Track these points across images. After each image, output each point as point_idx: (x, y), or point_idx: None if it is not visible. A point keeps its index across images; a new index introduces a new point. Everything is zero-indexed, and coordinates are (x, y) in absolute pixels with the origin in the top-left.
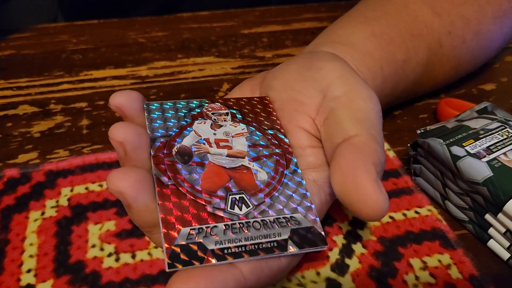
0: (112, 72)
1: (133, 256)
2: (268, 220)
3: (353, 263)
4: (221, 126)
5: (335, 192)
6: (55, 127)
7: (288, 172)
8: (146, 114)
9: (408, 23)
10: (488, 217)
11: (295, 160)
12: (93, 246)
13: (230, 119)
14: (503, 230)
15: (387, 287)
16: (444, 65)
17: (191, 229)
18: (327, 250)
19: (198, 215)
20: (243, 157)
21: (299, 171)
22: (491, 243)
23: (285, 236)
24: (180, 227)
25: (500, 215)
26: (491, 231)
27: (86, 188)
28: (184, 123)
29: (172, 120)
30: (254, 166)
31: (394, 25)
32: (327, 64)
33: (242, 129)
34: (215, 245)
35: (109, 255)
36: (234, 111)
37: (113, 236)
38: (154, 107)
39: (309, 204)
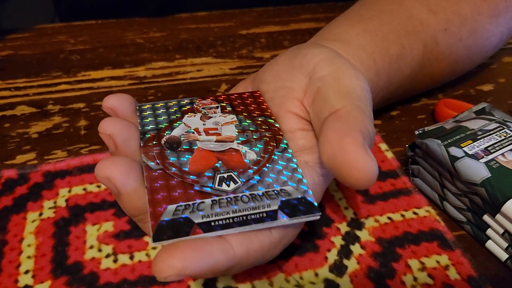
0: (110, 72)
1: (131, 257)
2: (256, 194)
3: (351, 264)
4: (211, 117)
5: (324, 163)
6: (53, 128)
7: (278, 152)
8: (138, 114)
9: (403, 20)
10: (486, 218)
11: (286, 141)
12: (91, 247)
13: (220, 111)
14: (501, 231)
15: None
16: (440, 62)
17: (177, 206)
18: (325, 251)
19: (185, 193)
20: (232, 141)
21: (290, 150)
22: (489, 244)
23: (274, 206)
24: (167, 205)
25: (498, 216)
26: (489, 232)
27: (84, 189)
28: (174, 117)
29: (162, 116)
30: (243, 148)
31: (388, 22)
32: (313, 50)
33: (232, 118)
34: (202, 219)
35: (107, 256)
36: (224, 104)
37: (111, 237)
38: (146, 108)
39: (300, 177)
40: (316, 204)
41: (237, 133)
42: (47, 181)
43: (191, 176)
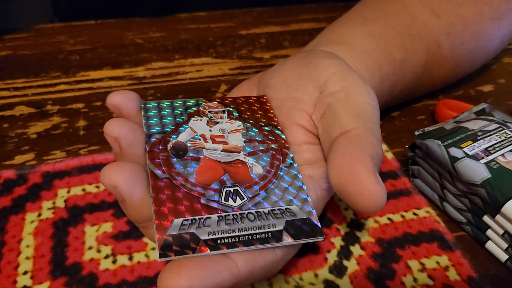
0: (110, 73)
1: (130, 258)
2: (262, 212)
3: (351, 265)
4: (217, 123)
5: (332, 185)
6: (51, 128)
7: (284, 166)
8: (143, 113)
9: (407, 23)
10: (486, 218)
11: (292, 155)
12: (90, 248)
13: (226, 117)
14: (501, 231)
15: None
16: (442, 65)
17: (184, 220)
18: (325, 251)
19: (191, 206)
20: (239, 152)
21: (296, 165)
22: (489, 245)
23: (279, 227)
24: (173, 218)
25: (498, 217)
26: (489, 232)
27: (83, 190)
28: (181, 120)
29: (168, 118)
30: (249, 160)
31: (392, 25)
32: (324, 61)
33: (238, 126)
34: (208, 236)
35: (106, 257)
36: (231, 109)
37: (110, 237)
38: (151, 106)
39: (305, 196)
40: (320, 225)
41: (243, 143)
42: (46, 182)
43: (197, 188)
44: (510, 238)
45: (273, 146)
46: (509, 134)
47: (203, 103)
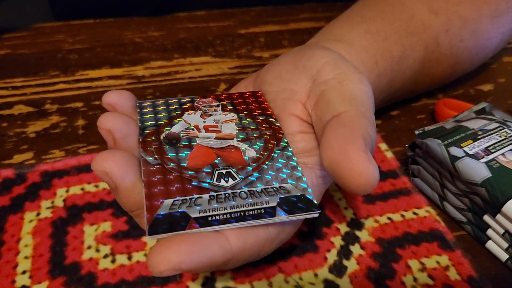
0: (108, 72)
1: (129, 258)
2: (255, 190)
3: (351, 265)
4: (211, 115)
5: (324, 167)
6: (50, 127)
7: (278, 150)
8: (138, 111)
9: (405, 21)
10: (486, 218)
11: (286, 139)
12: (89, 247)
13: (220, 109)
14: (501, 231)
15: None
16: (441, 63)
17: (174, 200)
18: (325, 251)
19: (182, 188)
20: (232, 139)
21: (290, 148)
22: (490, 244)
23: (273, 203)
24: (163, 199)
25: (498, 216)
26: (490, 232)
27: (82, 189)
28: (175, 114)
29: (162, 113)
30: (242, 145)
31: (390, 23)
32: (317, 52)
33: (232, 116)
34: (199, 214)
35: (105, 256)
36: (225, 103)
37: (109, 237)
38: (146, 105)
39: (299, 175)
40: (315, 201)
41: (237, 130)
42: (45, 181)
43: (189, 172)
44: (511, 238)
45: (267, 132)
46: (510, 134)
47: (198, 99)
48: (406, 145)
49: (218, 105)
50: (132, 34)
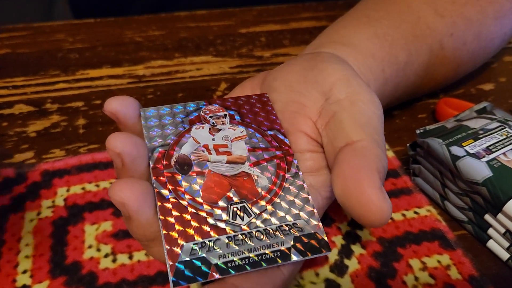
0: (109, 71)
1: (130, 257)
2: (270, 229)
3: (352, 264)
4: (220, 130)
5: (336, 196)
6: (51, 127)
7: (289, 176)
8: (143, 122)
9: (411, 23)
10: (487, 217)
11: (296, 161)
12: (90, 246)
13: (228, 121)
14: (502, 230)
15: None
16: (445, 66)
17: (194, 244)
18: None
19: (200, 228)
20: (243, 163)
21: (301, 173)
22: (491, 244)
23: (288, 244)
24: (183, 242)
25: (499, 216)
26: (491, 231)
27: (83, 188)
28: (182, 129)
29: (169, 127)
30: (254, 171)
31: (396, 26)
32: (330, 66)
33: (241, 132)
34: (219, 259)
35: (106, 255)
36: (233, 113)
37: (110, 236)
38: (151, 114)
39: (311, 208)
40: (326, 239)
41: (247, 151)
42: (45, 180)
43: (204, 207)
44: None
45: (277, 153)
46: (511, 133)
47: (204, 106)
48: (407, 144)
49: (225, 115)
50: (133, 33)
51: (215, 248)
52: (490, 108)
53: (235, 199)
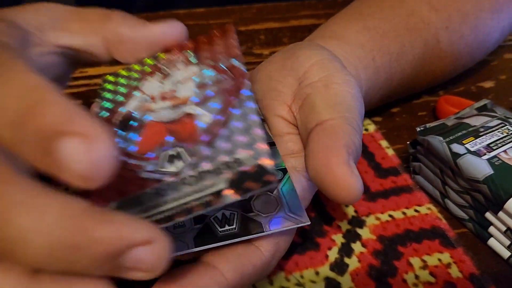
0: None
1: None
2: (207, 171)
3: (353, 262)
4: (171, 75)
5: (310, 177)
6: None
7: (238, 104)
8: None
9: (403, 17)
10: (488, 215)
11: (249, 83)
12: None
13: (182, 64)
14: (503, 228)
15: (386, 287)
16: (442, 60)
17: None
18: (326, 249)
19: (127, 182)
20: (185, 103)
21: (252, 94)
22: (492, 242)
23: (222, 185)
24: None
25: (500, 213)
26: (492, 229)
27: None
28: (135, 83)
29: (122, 87)
30: (196, 110)
31: (388, 20)
32: (306, 52)
33: (193, 72)
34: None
35: None
36: (190, 53)
37: None
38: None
39: (259, 133)
40: (272, 171)
41: (196, 90)
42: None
43: (133, 160)
44: None
45: (226, 85)
46: (511, 130)
47: (161, 55)
48: (408, 142)
49: (179, 59)
50: None
51: (138, 203)
52: (491, 106)
53: (169, 147)
